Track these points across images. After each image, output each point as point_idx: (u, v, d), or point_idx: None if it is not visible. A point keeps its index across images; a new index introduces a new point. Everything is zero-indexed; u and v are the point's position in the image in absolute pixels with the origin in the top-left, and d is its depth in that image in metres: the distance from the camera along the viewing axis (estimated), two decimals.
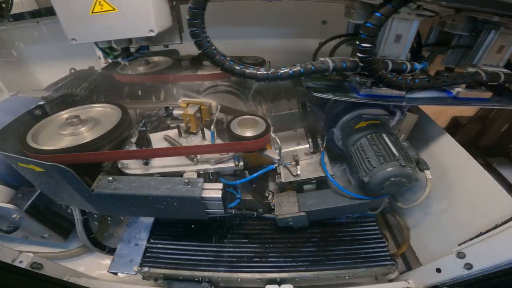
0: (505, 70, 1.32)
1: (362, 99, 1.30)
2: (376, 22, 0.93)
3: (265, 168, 1.43)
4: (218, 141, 1.39)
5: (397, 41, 1.19)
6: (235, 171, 1.41)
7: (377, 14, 0.92)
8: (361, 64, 1.09)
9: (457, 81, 1.27)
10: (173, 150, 1.33)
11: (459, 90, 1.34)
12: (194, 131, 1.48)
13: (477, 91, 1.35)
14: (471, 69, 1.32)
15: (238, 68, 1.12)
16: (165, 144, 1.43)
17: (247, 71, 1.12)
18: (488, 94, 1.36)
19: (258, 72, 1.12)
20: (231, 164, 1.35)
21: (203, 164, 1.35)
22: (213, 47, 1.09)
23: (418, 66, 1.25)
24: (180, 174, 1.33)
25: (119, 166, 1.37)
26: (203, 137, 1.47)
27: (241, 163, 1.35)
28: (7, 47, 2.38)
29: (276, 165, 1.45)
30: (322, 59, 1.18)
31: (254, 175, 1.40)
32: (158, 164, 1.36)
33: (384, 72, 1.11)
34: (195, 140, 1.46)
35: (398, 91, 1.27)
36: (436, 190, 1.42)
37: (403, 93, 1.29)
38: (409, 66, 1.22)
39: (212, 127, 1.33)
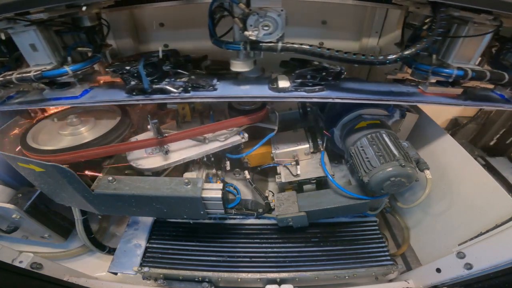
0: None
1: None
2: None
3: (267, 136, 1.52)
4: None
5: (35, 50, 1.17)
6: (238, 146, 1.55)
7: None
8: None
9: None
10: (190, 132, 1.40)
11: None
12: (190, 120, 1.61)
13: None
14: None
15: None
16: None
17: None
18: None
19: None
20: (237, 138, 1.47)
21: (213, 142, 1.46)
22: None
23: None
24: (195, 158, 1.45)
25: (134, 165, 1.39)
26: (201, 122, 1.60)
27: (246, 135, 1.48)
28: None
29: (274, 132, 1.51)
30: None
31: (260, 143, 1.51)
32: (174, 154, 1.43)
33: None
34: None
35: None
36: (436, 190, 1.42)
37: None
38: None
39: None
